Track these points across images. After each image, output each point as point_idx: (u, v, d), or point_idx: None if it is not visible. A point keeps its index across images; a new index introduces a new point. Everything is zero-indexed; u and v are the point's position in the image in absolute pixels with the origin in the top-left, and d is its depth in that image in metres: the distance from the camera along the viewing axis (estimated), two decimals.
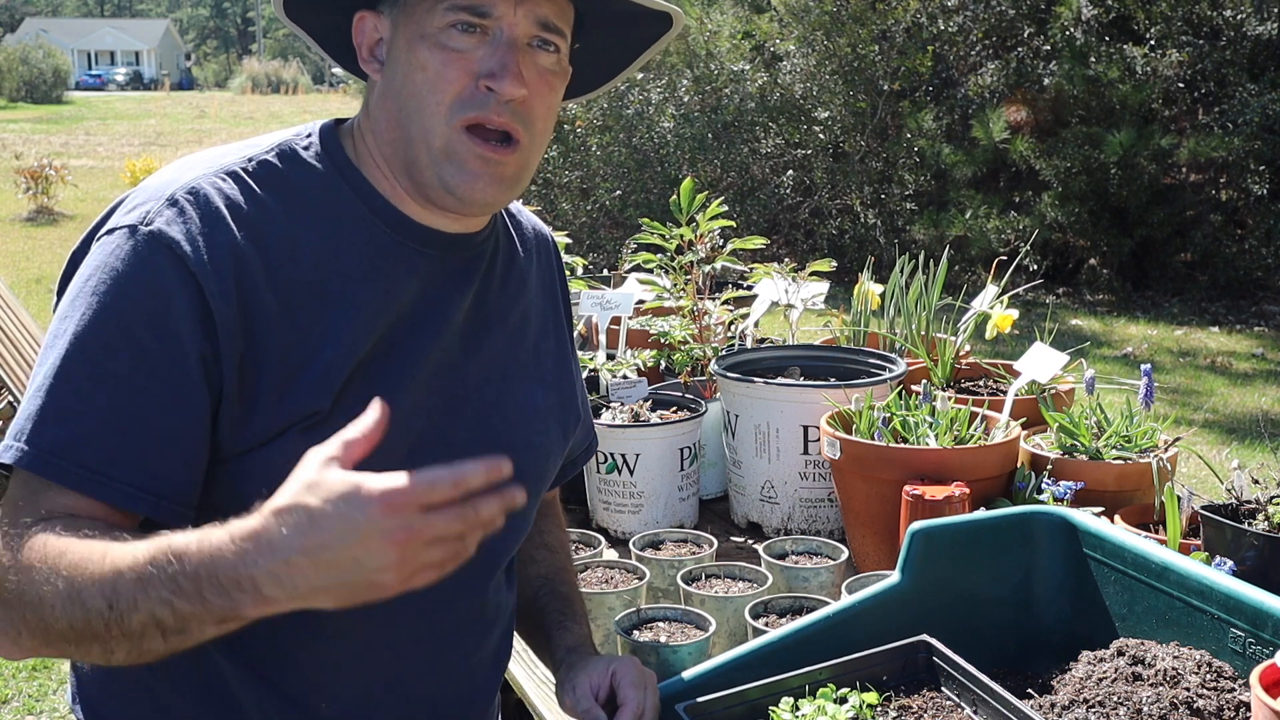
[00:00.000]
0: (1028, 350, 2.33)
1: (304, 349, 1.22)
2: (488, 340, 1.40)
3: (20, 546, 1.10)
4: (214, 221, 1.19)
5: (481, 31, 1.23)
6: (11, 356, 4.86)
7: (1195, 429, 6.45)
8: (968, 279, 9.73)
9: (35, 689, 3.87)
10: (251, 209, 1.22)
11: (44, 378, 1.15)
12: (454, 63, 1.23)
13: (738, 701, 1.28)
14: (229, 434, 1.20)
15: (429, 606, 1.34)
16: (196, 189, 1.21)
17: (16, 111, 35.82)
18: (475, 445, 1.35)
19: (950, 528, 1.49)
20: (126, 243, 1.17)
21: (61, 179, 14.47)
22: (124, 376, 1.15)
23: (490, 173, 1.26)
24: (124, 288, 1.16)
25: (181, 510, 1.19)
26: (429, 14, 1.23)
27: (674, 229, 2.68)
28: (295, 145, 1.30)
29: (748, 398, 2.30)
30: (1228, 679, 1.25)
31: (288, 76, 54.70)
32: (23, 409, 1.16)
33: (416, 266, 1.31)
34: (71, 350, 1.15)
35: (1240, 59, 9.37)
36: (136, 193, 1.24)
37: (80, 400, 1.14)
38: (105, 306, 1.15)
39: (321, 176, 1.29)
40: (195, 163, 1.27)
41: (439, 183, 1.27)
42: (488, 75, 1.23)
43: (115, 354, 1.15)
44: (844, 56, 10.61)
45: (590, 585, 1.87)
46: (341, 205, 1.28)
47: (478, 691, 1.46)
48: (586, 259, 3.99)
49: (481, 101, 1.24)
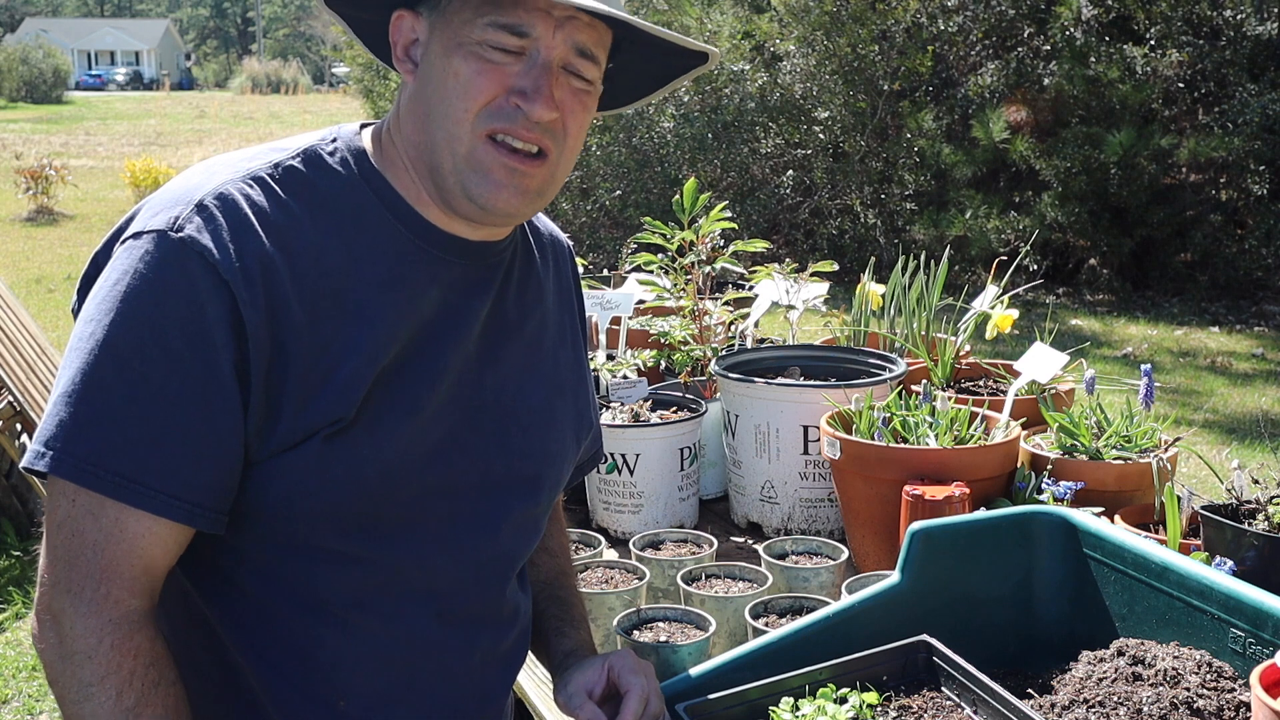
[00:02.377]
0: (1028, 350, 2.33)
1: (328, 358, 1.22)
2: (506, 348, 1.40)
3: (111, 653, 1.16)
4: (243, 229, 1.19)
5: (518, 49, 1.23)
6: (11, 356, 4.86)
7: (1195, 429, 6.45)
8: (968, 279, 9.74)
9: (35, 689, 3.87)
10: (278, 216, 1.22)
11: (72, 383, 1.14)
12: (488, 73, 1.23)
13: (738, 701, 1.28)
14: (255, 440, 1.20)
15: (447, 608, 1.35)
16: (225, 195, 1.20)
17: (16, 111, 35.83)
18: (493, 453, 1.37)
19: (950, 528, 1.49)
20: (155, 249, 1.16)
21: (61, 179, 14.47)
22: (158, 383, 1.14)
23: (515, 184, 1.26)
24: (156, 294, 1.15)
25: (216, 517, 1.20)
26: (468, 25, 1.23)
27: (676, 230, 2.68)
28: (320, 150, 1.30)
29: (748, 398, 2.30)
30: (1228, 679, 1.25)
31: (288, 76, 54.71)
32: (51, 414, 1.15)
33: (438, 274, 1.31)
34: (101, 355, 1.14)
35: (1240, 59, 9.37)
36: (161, 197, 1.24)
37: (113, 407, 1.14)
38: (136, 312, 1.15)
39: (346, 181, 1.29)
40: (220, 167, 1.26)
41: (462, 190, 1.26)
42: (519, 93, 1.23)
43: (149, 360, 1.14)
44: (844, 56, 10.61)
45: (590, 585, 1.87)
46: (365, 211, 1.28)
47: (492, 690, 1.47)
48: (586, 259, 3.99)
49: (510, 115, 1.24)
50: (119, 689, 1.15)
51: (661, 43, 1.31)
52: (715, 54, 1.36)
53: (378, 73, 13.96)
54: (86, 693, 1.15)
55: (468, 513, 1.35)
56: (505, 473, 1.39)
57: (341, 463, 1.22)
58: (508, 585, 1.44)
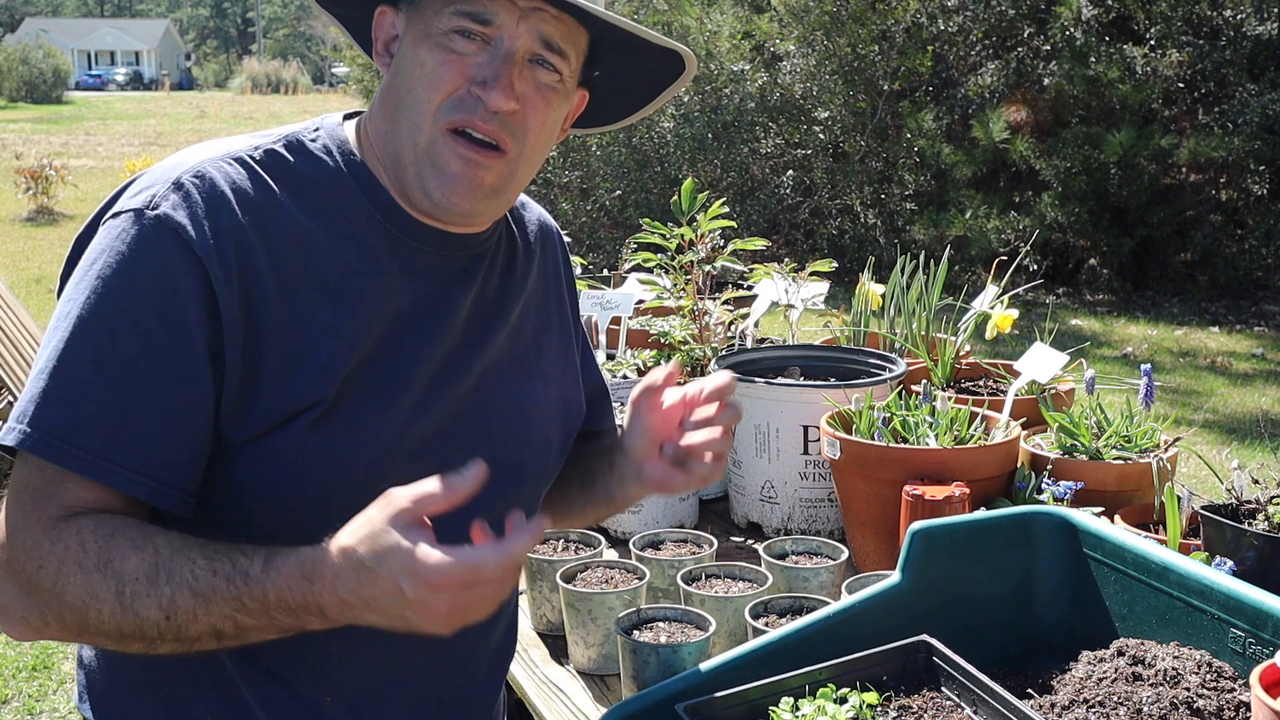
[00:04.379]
0: (1028, 350, 2.33)
1: (305, 337, 1.22)
2: (489, 338, 1.40)
3: (55, 545, 1.12)
4: (218, 205, 1.20)
5: (484, 39, 1.24)
6: (11, 356, 4.86)
7: (1195, 429, 6.45)
8: (968, 279, 9.74)
9: (35, 689, 3.87)
10: (257, 195, 1.23)
11: (47, 360, 1.15)
12: (451, 64, 1.23)
13: (738, 701, 1.27)
14: (231, 421, 1.20)
15: None
16: (202, 173, 1.21)
17: (16, 111, 35.83)
18: (475, 443, 1.35)
19: (950, 528, 1.49)
20: (132, 226, 1.17)
21: (61, 179, 14.48)
22: (128, 360, 1.15)
23: (470, 176, 1.26)
24: (130, 272, 1.16)
25: (183, 497, 1.19)
26: (436, 15, 1.24)
27: (674, 229, 2.68)
28: (303, 137, 1.31)
29: (748, 398, 2.30)
30: (1228, 679, 1.25)
31: (287, 76, 54.72)
32: (26, 391, 1.16)
33: (415, 265, 1.31)
34: (75, 333, 1.15)
35: (1240, 59, 9.37)
36: (143, 177, 1.25)
37: (83, 383, 1.14)
38: (110, 289, 1.15)
39: (327, 169, 1.29)
40: (202, 150, 1.28)
41: (419, 185, 1.27)
42: (479, 83, 1.23)
43: (120, 337, 1.15)
44: (844, 56, 10.61)
45: (590, 585, 1.87)
46: (345, 199, 1.29)
47: (482, 685, 1.46)
48: (586, 259, 3.99)
49: (469, 106, 1.24)
50: (78, 561, 1.11)
51: (644, 45, 1.31)
52: (690, 57, 1.35)
53: (377, 73, 13.94)
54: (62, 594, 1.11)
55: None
56: (492, 462, 1.39)
57: (325, 451, 1.22)
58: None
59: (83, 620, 1.12)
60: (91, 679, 1.36)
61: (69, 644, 4.11)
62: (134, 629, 1.11)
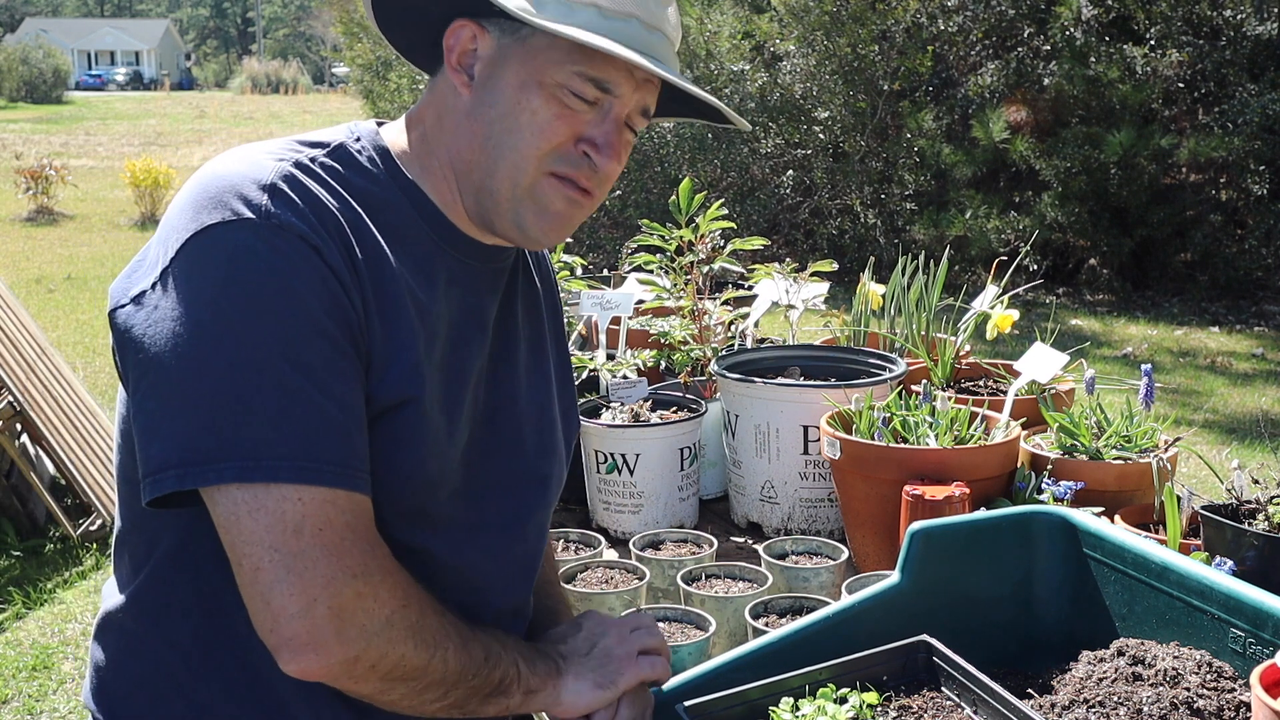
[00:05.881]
0: (1028, 350, 2.32)
1: (393, 340, 1.23)
2: (513, 348, 1.43)
3: (395, 585, 1.19)
4: (321, 210, 1.20)
5: (594, 100, 1.27)
6: (11, 356, 4.85)
7: (1195, 429, 6.45)
8: (968, 279, 9.74)
9: (35, 689, 3.87)
10: (338, 202, 1.23)
11: (239, 389, 1.11)
12: (565, 119, 1.26)
13: (738, 701, 1.27)
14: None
15: (474, 605, 1.35)
16: (290, 176, 1.20)
17: (16, 111, 35.83)
18: (509, 453, 1.39)
19: (950, 528, 1.49)
20: (257, 236, 1.14)
21: (61, 179, 14.47)
22: (321, 364, 1.15)
23: (569, 215, 1.31)
24: (280, 278, 1.13)
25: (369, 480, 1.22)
26: (554, 65, 1.25)
27: (674, 230, 2.68)
28: (349, 145, 1.30)
29: (748, 398, 2.30)
30: (1228, 679, 1.25)
31: (287, 76, 54.69)
32: (222, 431, 1.11)
33: (457, 275, 1.34)
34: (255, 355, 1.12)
35: (1240, 59, 9.37)
36: (203, 195, 1.18)
37: (290, 398, 1.13)
38: (267, 298, 1.13)
39: (375, 178, 1.29)
40: (257, 155, 1.23)
41: (513, 218, 1.30)
42: (589, 142, 1.27)
43: (305, 343, 1.14)
44: (844, 56, 10.60)
45: (590, 585, 1.87)
46: (395, 208, 1.29)
47: None
48: (586, 259, 3.99)
49: (575, 162, 1.28)
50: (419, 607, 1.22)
51: (706, 108, 1.38)
52: (745, 126, 1.41)
53: (377, 74, 13.94)
54: (421, 635, 1.21)
55: (493, 512, 1.38)
56: (525, 472, 1.42)
57: (406, 449, 1.24)
58: (529, 585, 1.48)
59: (423, 665, 1.22)
60: (105, 680, 1.35)
61: (68, 644, 4.11)
62: (457, 671, 1.24)
